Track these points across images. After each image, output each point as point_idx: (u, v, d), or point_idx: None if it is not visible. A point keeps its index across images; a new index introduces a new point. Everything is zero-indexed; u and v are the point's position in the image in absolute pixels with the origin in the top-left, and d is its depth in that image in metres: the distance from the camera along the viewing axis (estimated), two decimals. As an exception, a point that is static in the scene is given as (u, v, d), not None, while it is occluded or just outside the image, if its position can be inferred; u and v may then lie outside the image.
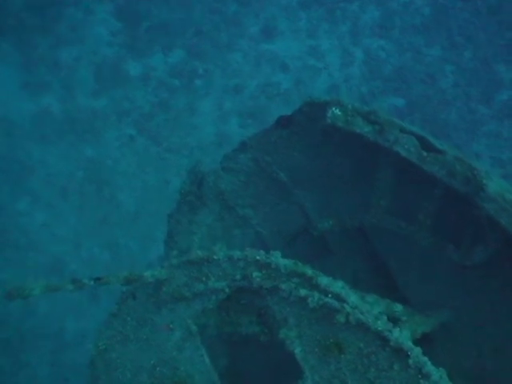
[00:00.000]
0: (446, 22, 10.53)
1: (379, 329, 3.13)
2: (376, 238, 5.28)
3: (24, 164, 9.63)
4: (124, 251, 9.23)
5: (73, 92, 9.99)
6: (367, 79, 10.28)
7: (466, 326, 4.91)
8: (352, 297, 3.27)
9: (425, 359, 3.09)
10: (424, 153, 4.37)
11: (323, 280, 3.32)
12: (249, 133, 10.00)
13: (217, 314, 4.00)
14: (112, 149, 9.77)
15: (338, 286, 3.31)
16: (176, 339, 3.99)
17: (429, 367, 3.07)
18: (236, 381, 5.56)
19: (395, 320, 4.51)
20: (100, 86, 10.13)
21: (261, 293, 3.57)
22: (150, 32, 10.48)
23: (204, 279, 3.78)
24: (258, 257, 3.53)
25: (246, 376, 5.49)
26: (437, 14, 10.60)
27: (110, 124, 9.94)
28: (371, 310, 3.21)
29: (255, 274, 3.52)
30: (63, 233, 9.26)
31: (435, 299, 5.03)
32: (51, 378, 8.67)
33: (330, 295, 3.28)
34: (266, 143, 5.51)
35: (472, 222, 4.44)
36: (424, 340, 4.68)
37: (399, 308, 4.59)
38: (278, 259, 3.51)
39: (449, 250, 4.63)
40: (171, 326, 4.04)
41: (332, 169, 5.45)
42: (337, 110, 4.81)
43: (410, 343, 3.11)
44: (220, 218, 5.81)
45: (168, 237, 5.88)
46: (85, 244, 9.25)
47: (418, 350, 3.12)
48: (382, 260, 5.40)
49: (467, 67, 10.14)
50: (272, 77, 10.46)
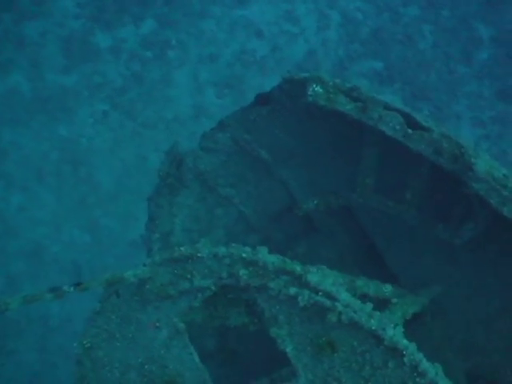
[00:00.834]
0: (423, -20, 10.29)
1: (373, 328, 3.04)
2: (363, 217, 5.18)
3: (-5, 147, 9.35)
4: (105, 231, 9.05)
5: (41, 69, 9.61)
6: (345, 42, 10.04)
7: (456, 300, 4.88)
8: (343, 294, 3.16)
9: (420, 356, 3.02)
10: (409, 130, 4.24)
11: (313, 277, 3.20)
12: (226, 103, 9.90)
13: (204, 310, 3.90)
14: (86, 126, 9.48)
15: (329, 284, 3.20)
16: (163, 337, 3.88)
17: (424, 365, 3.00)
18: (228, 359, 5.53)
19: (385, 302, 4.47)
20: (69, 62, 9.75)
21: (248, 290, 3.45)
22: (119, 2, 10.06)
23: (189, 277, 3.64)
24: (244, 254, 3.40)
25: (238, 354, 5.46)
26: (413, -28, 10.34)
27: (82, 100, 9.61)
28: (364, 308, 3.11)
29: (242, 272, 3.39)
30: (41, 216, 9.04)
31: (424, 275, 4.98)
32: (39, 364, 8.59)
33: (321, 293, 3.17)
34: (245, 121, 5.36)
35: (460, 200, 4.35)
36: (414, 315, 4.66)
37: (389, 289, 4.53)
38: (265, 256, 3.38)
39: (437, 229, 4.54)
40: (157, 324, 3.93)
41: (315, 146, 5.31)
42: (318, 87, 4.63)
43: (405, 341, 3.03)
44: (201, 199, 5.69)
45: (149, 220, 5.75)
46: (64, 226, 9.04)
47: (413, 348, 3.04)
48: (369, 237, 5.32)
49: (446, 26, 9.94)
50: (247, 44, 10.17)
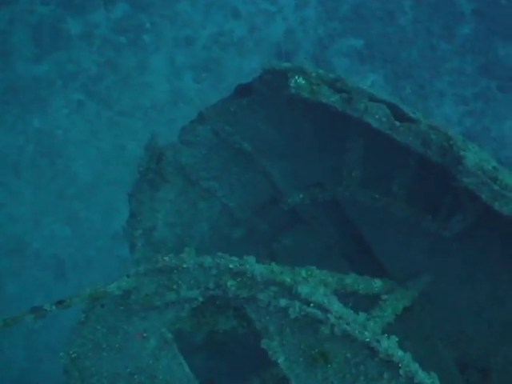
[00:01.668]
0: (401, -48, 10.04)
1: (367, 340, 2.94)
2: (349, 210, 5.08)
3: (-32, 142, 9.05)
4: (86, 224, 8.85)
5: (11, 58, 9.27)
6: (324, 20, 9.80)
7: (444, 290, 4.84)
8: (335, 305, 3.05)
9: (416, 367, 2.93)
10: (396, 122, 4.11)
11: (304, 289, 3.08)
12: (204, 87, 9.67)
13: (191, 318, 3.78)
14: (61, 117, 9.18)
15: (320, 294, 3.08)
16: (151, 347, 3.77)
17: (420, 376, 2.91)
18: (216, 351, 5.46)
19: (375, 298, 4.40)
20: (40, 50, 9.40)
21: (237, 301, 3.33)
22: (88, -15, 9.71)
23: (175, 287, 3.52)
24: (231, 265, 3.26)
25: (227, 345, 5.39)
26: None
27: (56, 90, 9.30)
28: (357, 319, 3.00)
29: (230, 283, 3.27)
30: (20, 211, 8.81)
31: (412, 266, 4.92)
32: (26, 361, 8.45)
33: (312, 304, 3.05)
34: (226, 113, 5.22)
35: (449, 192, 4.26)
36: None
37: (378, 284, 4.48)
38: (253, 266, 3.25)
39: (426, 221, 4.46)
40: (145, 335, 3.81)
41: (298, 137, 5.18)
42: (300, 79, 4.47)
43: (400, 352, 2.94)
44: (183, 193, 5.58)
45: (131, 217, 5.62)
46: (44, 221, 8.82)
47: (409, 359, 2.95)
48: (357, 228, 5.23)
49: (426, 1, 9.74)
50: (224, 25, 9.89)
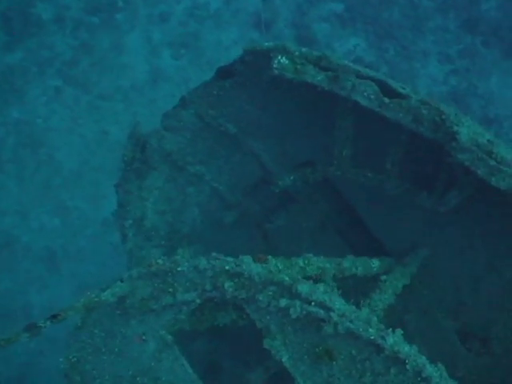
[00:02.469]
0: None
1: (372, 337, 2.88)
2: (342, 189, 5.00)
3: None
4: (74, 213, 8.69)
5: (-19, 48, 8.97)
6: (301, -15, 9.52)
7: (442, 262, 4.84)
8: (337, 302, 2.97)
9: (423, 361, 2.88)
10: (386, 99, 3.98)
11: (303, 288, 3.00)
12: (184, 64, 9.42)
13: (190, 318, 3.71)
14: (39, 106, 8.91)
15: (320, 292, 3.00)
16: (151, 350, 3.71)
17: (428, 370, 2.87)
18: (218, 334, 5.44)
19: (375, 280, 4.35)
20: (11, 38, 9.07)
21: (236, 302, 3.25)
22: (55, -34, 9.32)
23: (171, 290, 3.43)
24: (228, 266, 3.17)
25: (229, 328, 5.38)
26: None
27: (32, 78, 9.01)
28: (360, 316, 2.93)
29: (227, 285, 3.18)
30: (6, 205, 8.62)
31: (409, 240, 4.88)
32: (26, 355, 8.41)
33: (313, 303, 2.97)
34: (208, 96, 5.10)
35: (443, 167, 4.17)
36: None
37: (376, 264, 4.45)
38: (250, 266, 3.15)
39: (421, 197, 4.38)
40: (144, 338, 3.74)
41: (284, 116, 5.08)
42: (283, 59, 4.33)
43: (407, 348, 2.88)
44: (171, 179, 5.50)
45: (119, 207, 5.55)
46: (32, 213, 8.65)
47: (415, 353, 2.90)
48: (350, 204, 5.16)
49: (404, -41, 9.47)
50: (199, -3, 9.60)
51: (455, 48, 9.23)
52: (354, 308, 2.97)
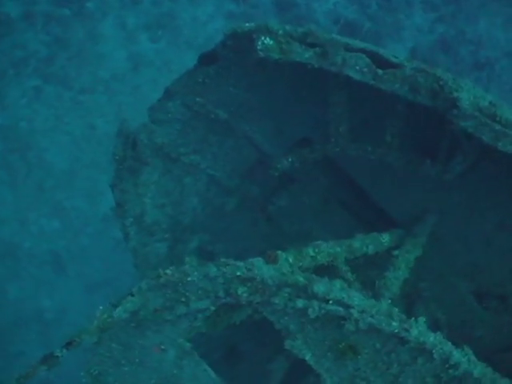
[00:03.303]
0: None
1: (395, 331, 2.79)
2: (343, 165, 4.87)
3: None
4: (73, 213, 8.58)
5: (-48, 55, 8.70)
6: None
7: (452, 226, 4.75)
8: (356, 298, 2.87)
9: (450, 348, 2.80)
10: (379, 71, 3.82)
11: (320, 287, 2.88)
12: (163, 46, 9.17)
13: (206, 322, 3.63)
14: (21, 108, 8.69)
15: (337, 289, 2.89)
16: (172, 358, 3.65)
17: (455, 356, 2.80)
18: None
19: (388, 255, 4.27)
20: (-19, 41, 8.82)
21: (252, 306, 3.16)
22: (17, -40, 8.96)
23: (184, 300, 3.34)
24: (239, 272, 3.05)
25: None
26: None
27: (9, 80, 8.76)
28: (381, 309, 2.83)
29: (241, 290, 3.07)
30: (2, 214, 8.50)
31: (416, 208, 4.79)
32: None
33: (331, 301, 2.87)
34: (193, 85, 4.98)
35: (445, 134, 4.04)
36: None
37: (386, 238, 4.38)
38: (262, 269, 3.03)
39: (425, 166, 4.26)
40: (162, 347, 3.67)
41: (274, 96, 4.95)
42: (267, 40, 4.15)
43: (432, 338, 2.80)
44: (166, 172, 5.41)
45: (117, 207, 5.47)
46: (30, 218, 8.53)
47: (441, 340, 2.82)
48: (353, 180, 5.05)
49: None
50: (169, -26, 9.27)
51: (439, -6, 8.98)
52: (374, 301, 2.88)
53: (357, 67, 3.85)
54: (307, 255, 3.63)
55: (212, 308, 3.29)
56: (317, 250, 3.72)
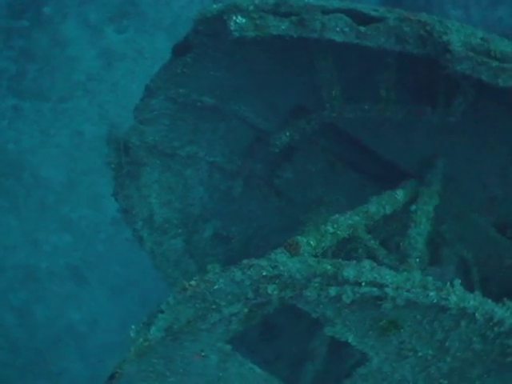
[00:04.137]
0: None
1: (434, 301, 2.72)
2: (343, 129, 4.75)
3: None
4: (81, 223, 8.51)
5: None
6: None
7: (463, 165, 4.66)
8: (388, 276, 2.79)
9: (491, 306, 2.73)
10: (361, 28, 3.65)
11: (349, 272, 2.79)
12: (131, 35, 8.90)
13: (242, 323, 3.59)
14: (4, 130, 8.53)
15: (368, 270, 2.80)
16: (215, 362, 3.62)
17: (498, 313, 2.73)
18: None
19: (405, 213, 4.19)
20: None
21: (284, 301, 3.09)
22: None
23: (214, 307, 3.27)
24: (265, 272, 2.96)
25: None
26: None
27: (-16, 104, 8.60)
28: (415, 282, 2.75)
29: (270, 289, 2.99)
30: (12, 240, 8.44)
31: (425, 154, 4.69)
32: (88, 371, 8.47)
33: (364, 283, 2.79)
34: (173, 77, 4.87)
35: (441, 79, 3.89)
36: None
37: (401, 194, 4.28)
38: (287, 265, 2.94)
39: (426, 114, 4.13)
40: (203, 354, 3.64)
41: (258, 71, 4.80)
42: (239, 19, 3.98)
43: (472, 301, 2.72)
44: (166, 169, 5.36)
45: (124, 214, 5.44)
46: (40, 238, 8.47)
47: (481, 301, 2.75)
48: (356, 141, 4.94)
49: None
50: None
51: None
52: (406, 275, 2.80)
53: (337, 29, 3.68)
54: (327, 233, 3.55)
55: (245, 310, 3.23)
56: (336, 226, 3.63)
